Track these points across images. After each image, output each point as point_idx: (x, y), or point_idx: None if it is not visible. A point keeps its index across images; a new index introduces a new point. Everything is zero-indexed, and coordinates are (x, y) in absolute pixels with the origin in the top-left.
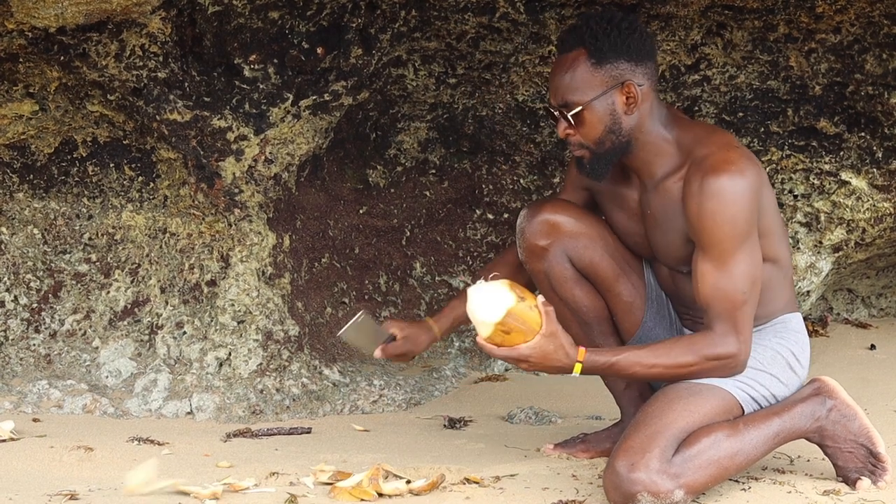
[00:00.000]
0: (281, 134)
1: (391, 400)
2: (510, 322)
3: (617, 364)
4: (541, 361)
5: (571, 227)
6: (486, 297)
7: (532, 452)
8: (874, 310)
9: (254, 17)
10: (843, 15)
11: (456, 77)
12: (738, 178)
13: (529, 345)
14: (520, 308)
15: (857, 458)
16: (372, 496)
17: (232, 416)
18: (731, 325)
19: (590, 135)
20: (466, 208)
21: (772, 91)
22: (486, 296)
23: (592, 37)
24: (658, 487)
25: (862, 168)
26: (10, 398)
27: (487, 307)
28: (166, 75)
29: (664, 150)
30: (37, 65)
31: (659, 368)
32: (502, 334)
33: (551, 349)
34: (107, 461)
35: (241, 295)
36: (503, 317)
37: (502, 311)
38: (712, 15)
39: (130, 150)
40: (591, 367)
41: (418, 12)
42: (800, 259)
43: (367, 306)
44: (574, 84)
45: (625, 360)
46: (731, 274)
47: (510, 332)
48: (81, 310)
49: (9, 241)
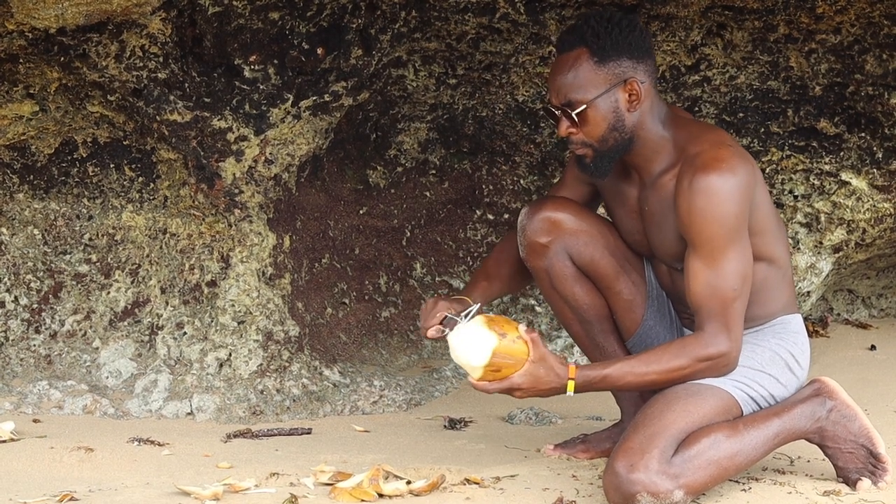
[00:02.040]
0: (281, 134)
1: (391, 400)
2: (497, 361)
3: (609, 376)
4: (534, 386)
5: (572, 224)
6: (467, 342)
7: (532, 453)
8: (874, 310)
9: (254, 18)
10: (844, 15)
11: (456, 78)
12: (728, 175)
13: (520, 373)
14: (503, 345)
15: (858, 458)
16: (372, 497)
17: (232, 417)
18: (722, 323)
19: (593, 133)
20: (467, 209)
21: (772, 91)
22: (468, 340)
23: (594, 35)
24: (657, 488)
25: (862, 168)
26: (11, 399)
27: (471, 352)
28: (166, 76)
29: (662, 148)
30: (37, 65)
31: (652, 375)
32: (493, 373)
33: (542, 373)
34: (107, 462)
35: (242, 295)
36: (490, 358)
37: (488, 354)
38: (712, 15)
39: (131, 150)
40: (584, 381)
41: (418, 13)
42: (800, 259)
43: (367, 307)
44: (577, 83)
45: (617, 371)
46: (722, 271)
47: (500, 370)
48: (82, 310)
49: (9, 241)
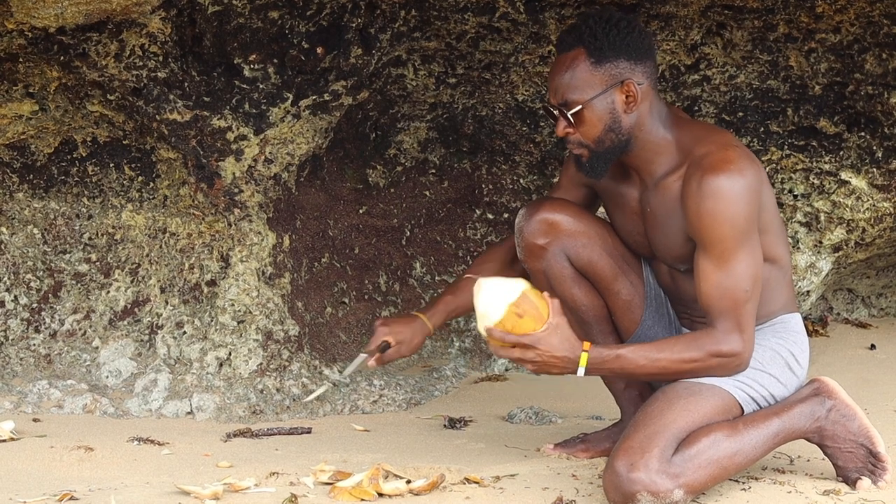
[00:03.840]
0: (281, 134)
1: (391, 400)
2: (524, 305)
3: (623, 356)
4: (548, 351)
5: (570, 226)
6: (499, 283)
7: (532, 452)
8: (874, 310)
9: (254, 17)
10: (843, 15)
11: (456, 77)
12: (737, 177)
13: (539, 332)
14: (534, 293)
15: (857, 458)
16: (372, 496)
17: (232, 416)
18: (735, 323)
19: (589, 133)
20: (466, 208)
21: (772, 91)
22: (499, 282)
23: (592, 36)
24: (657, 487)
25: (862, 168)
26: (11, 398)
27: (501, 290)
28: (166, 75)
29: (664, 149)
30: (37, 65)
31: (663, 362)
32: (515, 318)
33: (556, 342)
34: (107, 461)
35: (241, 295)
36: (518, 297)
37: (518, 292)
38: (712, 15)
39: (130, 149)
40: (597, 358)
41: (418, 12)
42: (800, 259)
43: (367, 306)
44: (574, 83)
45: (630, 353)
46: (733, 272)
47: (523, 316)
48: (81, 310)
49: (9, 240)
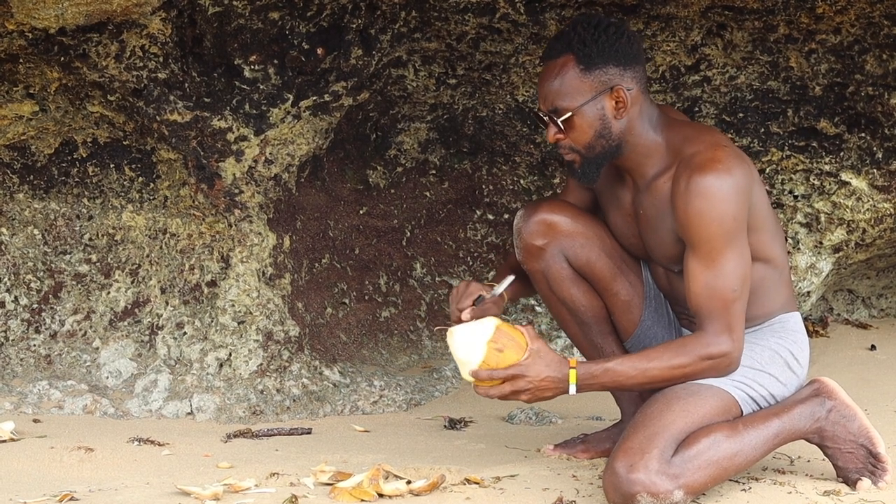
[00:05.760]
0: (281, 134)
1: (391, 400)
2: (502, 339)
3: (611, 369)
4: (537, 376)
5: (568, 226)
6: (470, 326)
7: (532, 453)
8: (874, 310)
9: (254, 18)
10: (844, 16)
11: (456, 78)
12: (725, 176)
13: (523, 360)
14: (506, 325)
15: (857, 458)
16: (372, 497)
17: (232, 417)
18: (724, 323)
19: (580, 140)
20: (466, 209)
21: (772, 91)
22: (470, 325)
23: (580, 42)
24: (657, 488)
25: (862, 168)
26: (11, 399)
27: (475, 332)
28: (166, 76)
29: (654, 151)
30: (37, 65)
31: (654, 371)
32: (496, 354)
33: (542, 366)
34: (107, 462)
35: (242, 295)
36: (494, 333)
37: (492, 328)
38: (712, 15)
39: (130, 150)
40: (586, 374)
41: (418, 13)
42: (800, 259)
43: (367, 307)
44: (563, 90)
45: (619, 365)
46: (721, 272)
47: (503, 350)
48: (82, 310)
49: (9, 241)
